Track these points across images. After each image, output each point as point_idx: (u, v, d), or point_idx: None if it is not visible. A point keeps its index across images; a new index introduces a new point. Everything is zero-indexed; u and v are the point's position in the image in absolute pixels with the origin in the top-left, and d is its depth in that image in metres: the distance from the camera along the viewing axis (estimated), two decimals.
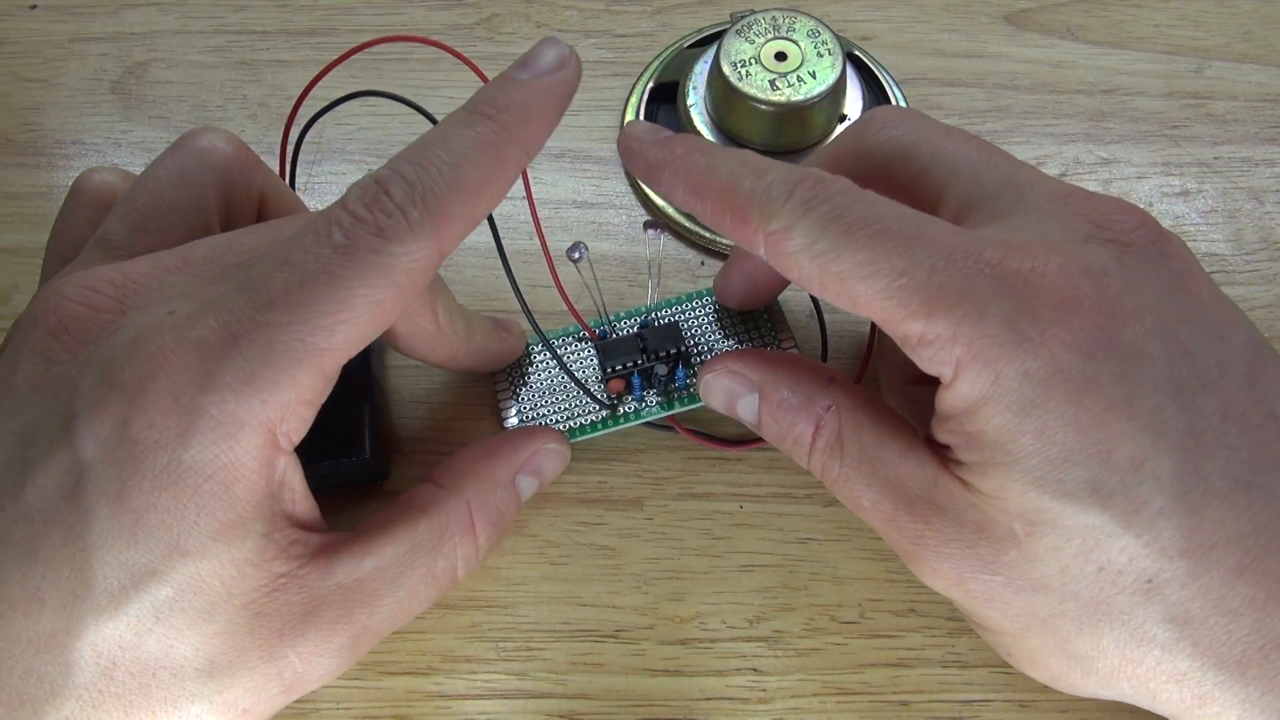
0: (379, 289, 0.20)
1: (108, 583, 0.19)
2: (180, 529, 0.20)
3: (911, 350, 0.21)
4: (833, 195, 0.21)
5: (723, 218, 0.22)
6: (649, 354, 0.28)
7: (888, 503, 0.23)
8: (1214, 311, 0.22)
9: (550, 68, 0.21)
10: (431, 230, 0.20)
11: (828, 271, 0.21)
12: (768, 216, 0.21)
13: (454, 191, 0.20)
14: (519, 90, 0.21)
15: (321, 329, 0.19)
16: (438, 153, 0.20)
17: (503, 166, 0.21)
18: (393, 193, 0.20)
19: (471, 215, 0.21)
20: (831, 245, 0.21)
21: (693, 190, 0.23)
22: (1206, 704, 0.20)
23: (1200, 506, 0.20)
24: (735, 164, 0.22)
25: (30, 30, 0.39)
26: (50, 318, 0.21)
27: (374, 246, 0.19)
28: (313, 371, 0.20)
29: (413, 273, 0.20)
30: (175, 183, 0.24)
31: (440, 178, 0.20)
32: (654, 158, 0.23)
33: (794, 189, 0.21)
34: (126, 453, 0.19)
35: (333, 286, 0.19)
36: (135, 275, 0.22)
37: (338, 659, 0.22)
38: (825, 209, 0.21)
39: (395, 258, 0.19)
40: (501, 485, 0.25)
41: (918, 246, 0.20)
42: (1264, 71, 0.37)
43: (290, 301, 0.19)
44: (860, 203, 0.21)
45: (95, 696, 0.20)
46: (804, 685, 0.27)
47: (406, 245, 0.19)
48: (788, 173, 0.22)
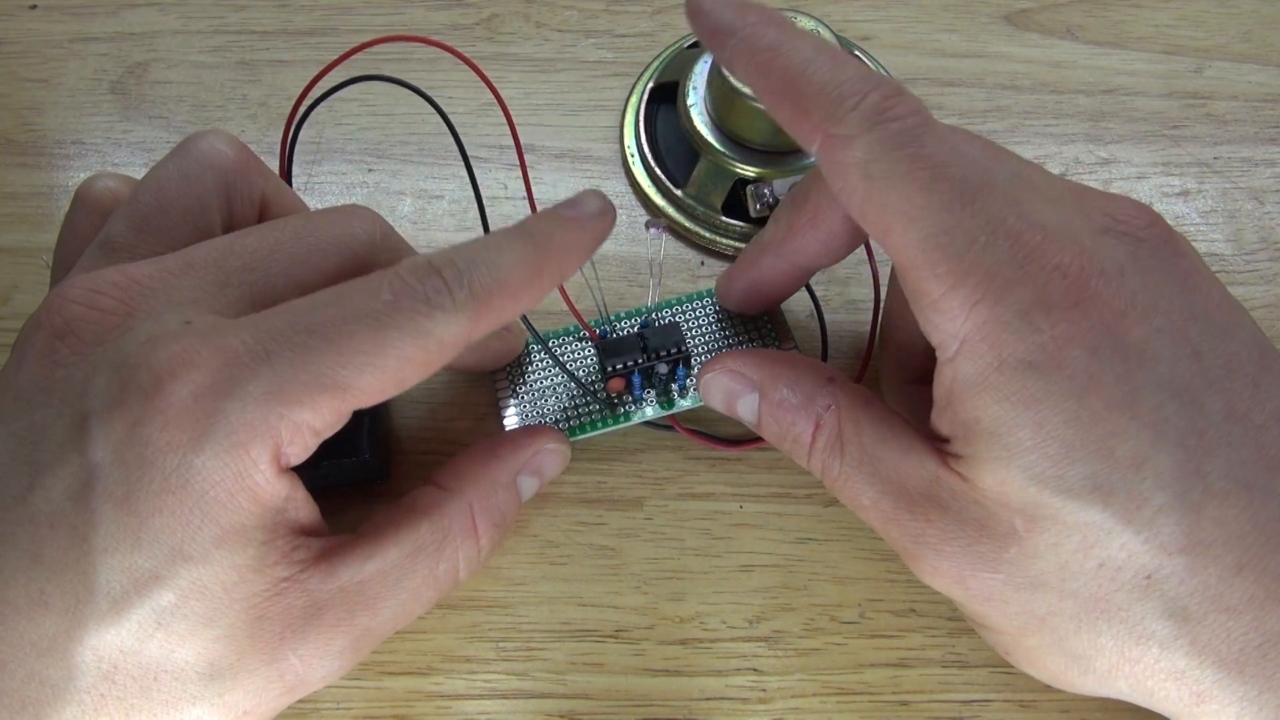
0: (412, 348, 0.20)
1: (110, 587, 0.19)
2: (184, 534, 0.20)
3: (919, 307, 0.21)
4: (907, 115, 0.20)
5: (783, 104, 0.21)
6: (650, 353, 0.28)
7: (888, 501, 0.23)
8: (1222, 312, 0.22)
9: (592, 214, 0.23)
10: (471, 313, 0.21)
11: (874, 198, 0.20)
12: (834, 117, 0.20)
13: (497, 287, 0.21)
14: (562, 226, 0.23)
15: (353, 366, 0.20)
16: (487, 255, 0.22)
17: (540, 281, 0.22)
18: (445, 274, 0.21)
19: (506, 311, 0.22)
20: (888, 171, 0.20)
21: (758, 66, 0.22)
22: (1204, 701, 0.20)
23: (1200, 504, 0.20)
24: (811, 48, 0.21)
25: (30, 30, 0.39)
26: (55, 319, 0.21)
27: (419, 310, 0.20)
28: (332, 403, 0.20)
29: (444, 344, 0.21)
30: (177, 185, 0.24)
31: (487, 274, 0.21)
32: (723, 20, 0.22)
33: (867, 95, 0.20)
34: (136, 455, 0.19)
35: (374, 332, 0.20)
36: (139, 277, 0.22)
37: (339, 661, 0.22)
38: (896, 128, 0.20)
39: (435, 324, 0.21)
40: (503, 486, 0.26)
41: (972, 209, 0.20)
42: (1264, 71, 0.37)
43: (330, 334, 0.20)
44: (931, 133, 0.20)
45: (97, 700, 0.20)
46: (804, 685, 0.27)
47: (448, 317, 0.21)
48: (865, 75, 0.21)
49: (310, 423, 0.20)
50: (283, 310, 0.21)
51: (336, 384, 0.20)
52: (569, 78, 0.37)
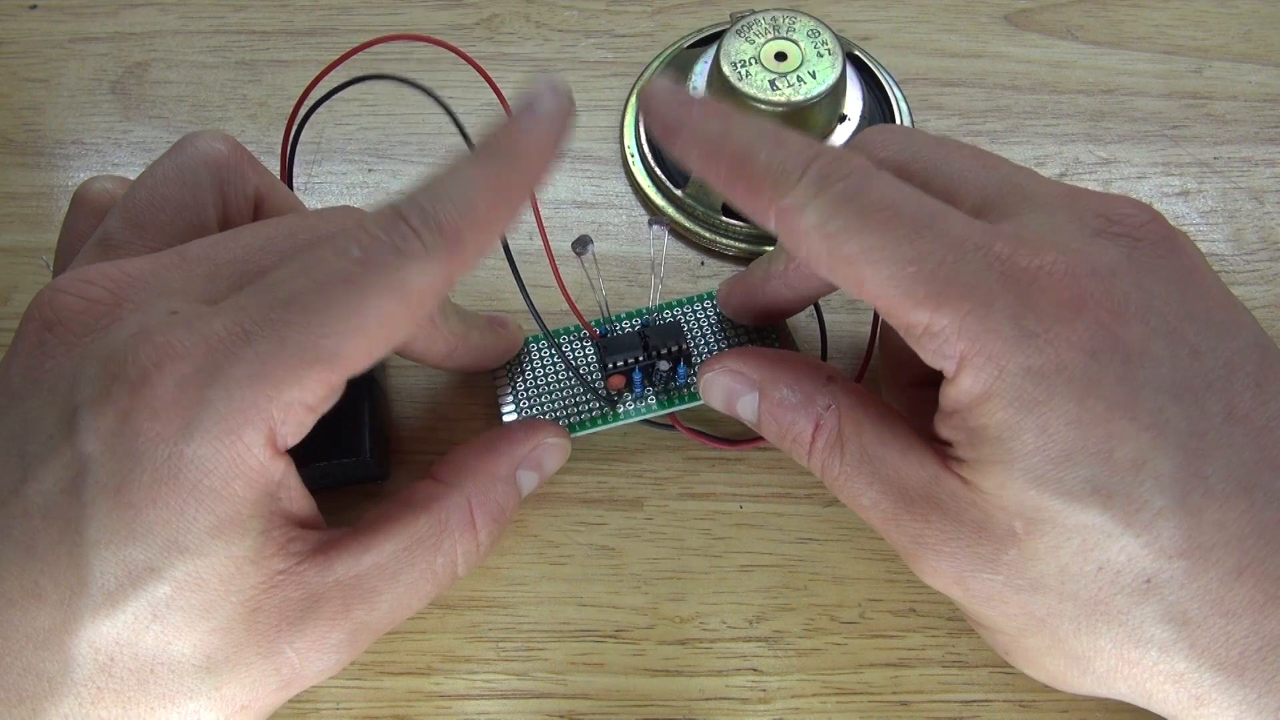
0: (392, 304, 0.20)
1: (105, 580, 0.19)
2: (179, 525, 0.20)
3: (914, 341, 0.21)
4: (848, 174, 0.21)
5: (736, 187, 0.22)
6: (650, 351, 0.28)
7: (888, 501, 0.23)
8: (1222, 310, 0.22)
9: (550, 111, 0.22)
10: (444, 254, 0.20)
11: (837, 253, 0.21)
12: (781, 190, 0.21)
13: (466, 220, 0.21)
14: (521, 133, 0.22)
15: (334, 334, 0.20)
16: (450, 186, 0.21)
17: (509, 199, 0.22)
18: (409, 218, 0.20)
19: (481, 242, 0.21)
20: (843, 227, 0.21)
21: (707, 156, 0.22)
22: (1203, 705, 0.20)
23: (1200, 507, 0.20)
24: (752, 133, 0.22)
25: (30, 30, 0.39)
26: (45, 311, 0.21)
27: (391, 263, 0.20)
28: (320, 376, 0.20)
29: (424, 292, 0.20)
30: (172, 182, 0.24)
31: (453, 207, 0.21)
32: (671, 118, 0.23)
33: (810, 164, 0.21)
34: (127, 446, 0.19)
35: (349, 294, 0.20)
36: (131, 270, 0.22)
37: (336, 655, 0.22)
38: (840, 188, 0.21)
39: (410, 275, 0.20)
40: (501, 480, 0.25)
41: (929, 235, 0.20)
42: (1264, 71, 0.37)
43: (307, 304, 0.20)
44: (875, 184, 0.21)
45: (94, 693, 0.20)
46: (804, 685, 0.27)
47: (421, 265, 0.20)
48: (805, 147, 0.22)
49: (301, 399, 0.20)
50: (258, 288, 0.21)
51: (321, 356, 0.20)
52: (569, 78, 0.37)
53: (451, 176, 0.21)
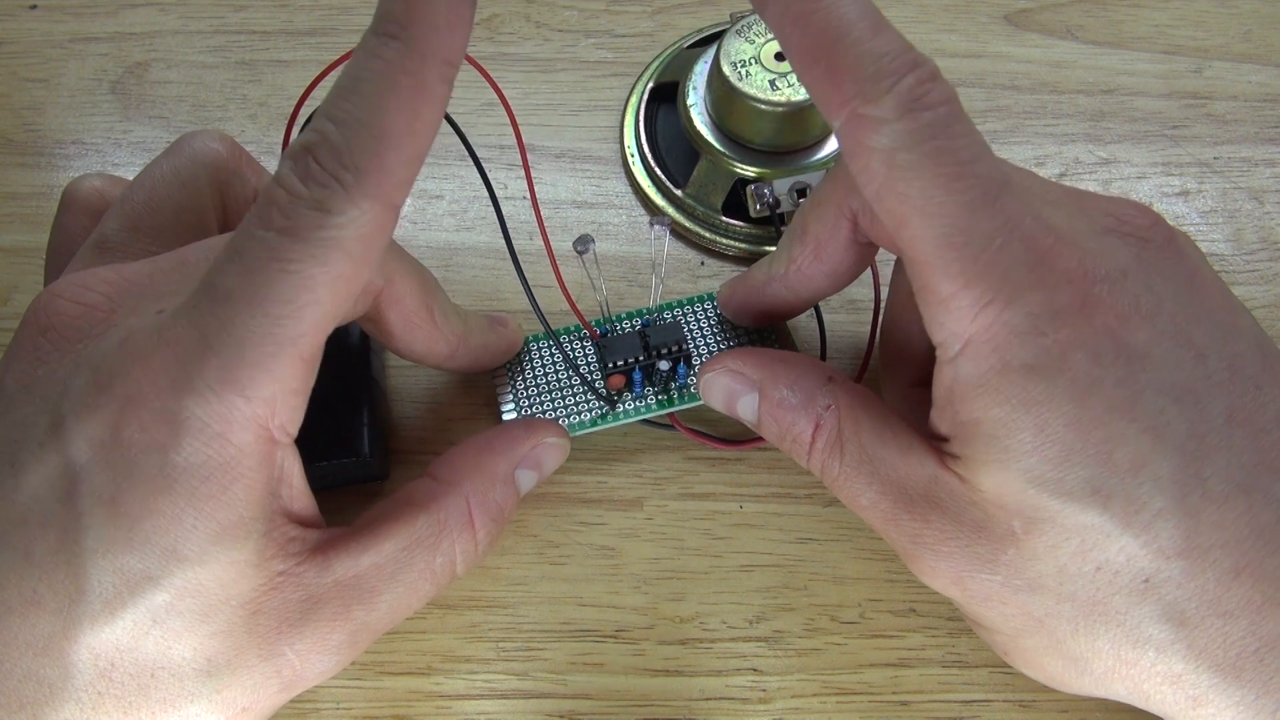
0: (333, 264, 0.19)
1: (103, 588, 0.19)
2: (177, 534, 0.19)
3: (926, 304, 0.21)
4: (940, 104, 0.19)
5: (814, 68, 0.19)
6: (651, 350, 0.28)
7: (887, 501, 0.23)
8: (1225, 312, 0.22)
9: None
10: (371, 189, 0.18)
11: (894, 186, 0.19)
12: (866, 95, 0.19)
13: (381, 140, 0.18)
14: None
15: (285, 317, 0.19)
16: (353, 100, 0.18)
17: (424, 91, 0.18)
18: (321, 159, 0.18)
19: (409, 158, 0.19)
20: (914, 162, 0.19)
21: (795, 18, 0.19)
22: (1201, 705, 0.20)
23: (1199, 509, 0.20)
24: (854, 7, 0.19)
25: (30, 30, 0.39)
26: (40, 316, 0.21)
27: (317, 222, 0.18)
28: (290, 360, 0.19)
29: (365, 238, 0.19)
30: (171, 183, 0.24)
31: (363, 129, 0.18)
32: None
33: (905, 74, 0.19)
34: (119, 456, 0.19)
35: (285, 273, 0.18)
36: (130, 275, 0.22)
37: (336, 656, 0.22)
38: (927, 118, 0.19)
39: (342, 229, 0.18)
40: (500, 480, 0.25)
41: (992, 211, 0.19)
42: (1264, 71, 0.37)
43: (247, 295, 0.19)
44: (960, 125, 0.19)
45: (94, 698, 0.20)
46: (804, 685, 0.27)
47: (349, 213, 0.18)
48: (904, 49, 0.19)
49: (281, 388, 0.20)
50: (202, 287, 0.20)
51: (280, 343, 0.19)
52: (569, 78, 0.37)
53: (350, 83, 0.18)
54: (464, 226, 0.34)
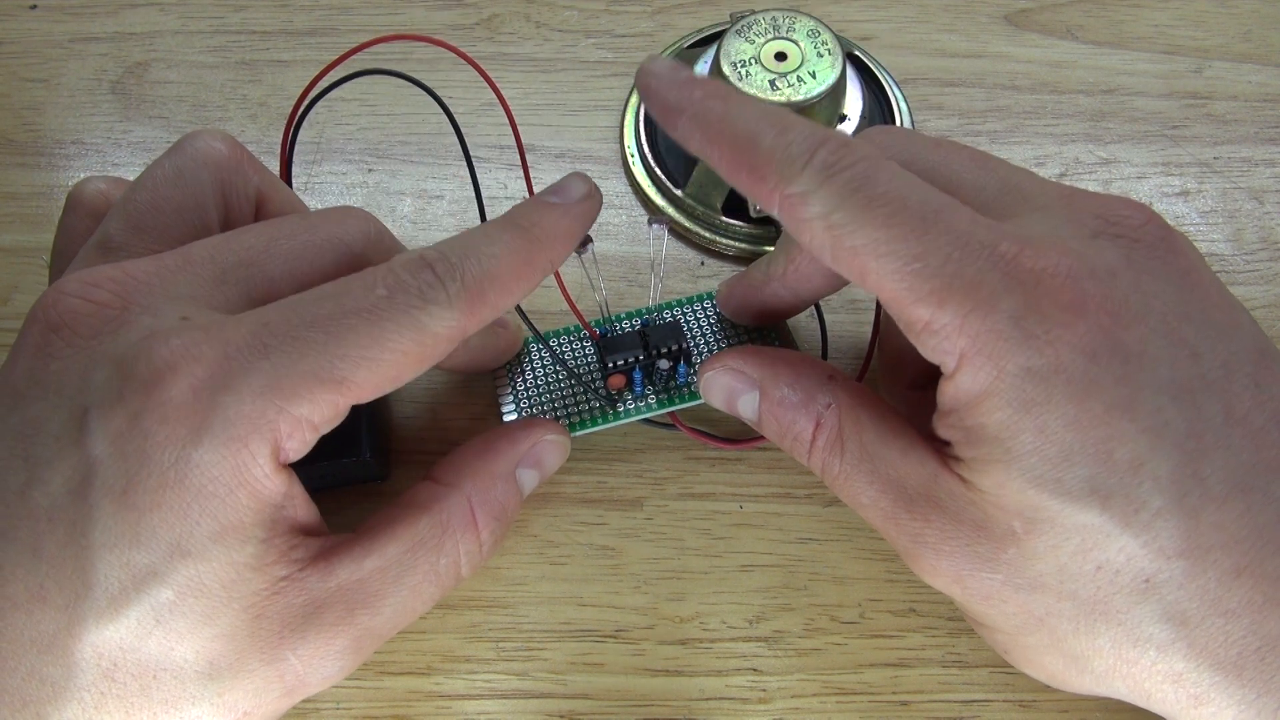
0: (408, 342, 0.21)
1: (108, 584, 0.19)
2: (182, 529, 0.20)
3: (915, 335, 0.21)
4: (855, 163, 0.21)
5: (739, 173, 0.22)
6: (651, 350, 0.28)
7: (887, 500, 0.23)
8: (1221, 311, 0.22)
9: (578, 198, 0.24)
10: (464, 306, 0.21)
11: (841, 244, 0.21)
12: (786, 178, 0.21)
13: (488, 279, 0.22)
14: (550, 212, 0.23)
15: (350, 360, 0.20)
16: (478, 247, 0.22)
17: (531, 270, 0.23)
18: (437, 268, 0.21)
19: (499, 303, 0.22)
20: (849, 218, 0.20)
21: (709, 138, 0.22)
22: (1202, 704, 0.20)
23: (1199, 508, 0.20)
24: (756, 115, 0.22)
25: (30, 30, 0.39)
26: (49, 313, 0.21)
27: (414, 305, 0.21)
28: (330, 397, 0.20)
29: (439, 338, 0.21)
30: (173, 183, 0.24)
31: (479, 266, 0.22)
32: (672, 99, 0.22)
33: (815, 151, 0.21)
34: (135, 447, 0.19)
35: (371, 326, 0.21)
36: (136, 273, 0.22)
37: (340, 662, 0.22)
38: (846, 177, 0.20)
39: (431, 319, 0.21)
40: (501, 479, 0.25)
41: (935, 231, 0.20)
42: (1264, 71, 0.37)
43: (328, 328, 0.20)
44: (882, 174, 0.21)
45: (97, 698, 0.20)
46: (804, 685, 0.27)
47: (442, 311, 0.21)
48: (810, 132, 0.21)
49: (309, 417, 0.20)
50: (281, 305, 0.21)
51: (334, 378, 0.20)
52: (569, 78, 0.37)
53: (483, 237, 0.22)
54: (464, 226, 0.34)
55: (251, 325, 0.20)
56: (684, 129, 0.22)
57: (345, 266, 0.23)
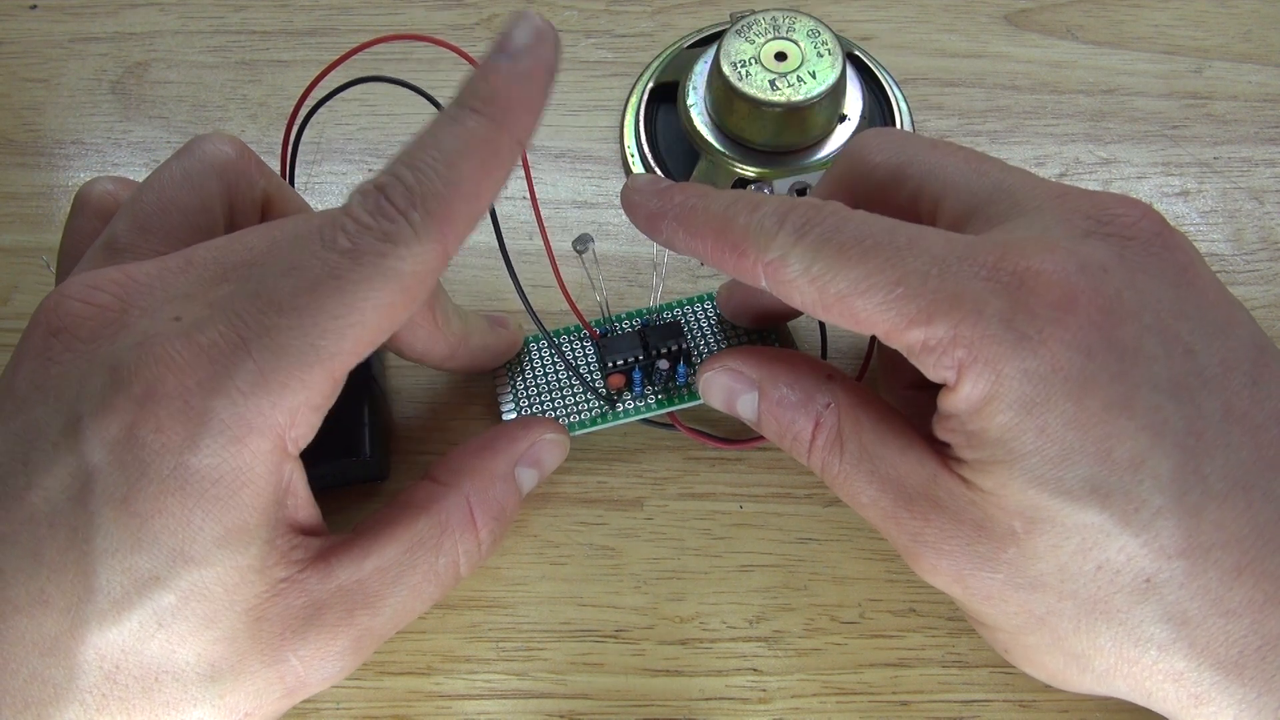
0: (386, 293, 0.20)
1: (110, 588, 0.19)
2: (185, 535, 0.20)
3: (917, 360, 0.21)
4: (823, 219, 0.22)
5: (723, 255, 0.23)
6: (651, 350, 0.28)
7: (887, 499, 0.23)
8: (1217, 308, 0.22)
9: (527, 47, 0.21)
10: (435, 232, 0.20)
11: (826, 293, 0.21)
12: (764, 247, 0.22)
13: (452, 191, 0.20)
14: (500, 78, 0.21)
15: (331, 332, 0.20)
16: (432, 154, 0.20)
17: (497, 159, 0.21)
18: (394, 198, 0.20)
19: (472, 212, 0.21)
20: (827, 267, 0.21)
21: (691, 232, 0.23)
22: (1203, 704, 0.20)
23: (1199, 507, 0.20)
24: (729, 201, 0.23)
25: (30, 30, 0.39)
26: (51, 317, 0.21)
27: (380, 251, 0.20)
28: (322, 375, 0.20)
29: (419, 275, 0.20)
30: (180, 185, 0.24)
31: (438, 179, 0.20)
32: (654, 207, 0.24)
33: (785, 218, 0.22)
34: (133, 457, 0.19)
35: (341, 291, 0.20)
36: (138, 275, 0.22)
37: (340, 662, 0.22)
38: (817, 232, 0.21)
39: (402, 261, 0.20)
40: (500, 478, 0.25)
41: (910, 256, 0.21)
42: (1264, 71, 0.37)
43: (299, 306, 0.20)
44: (850, 222, 0.21)
45: (99, 700, 0.20)
46: (804, 685, 0.27)
47: (412, 248, 0.20)
48: (779, 204, 0.22)
49: (306, 401, 0.20)
50: (247, 290, 0.20)
51: (319, 356, 0.20)
52: (569, 78, 0.37)
53: (433, 141, 0.20)
54: None
55: (225, 319, 0.20)
56: (669, 230, 0.24)
57: None
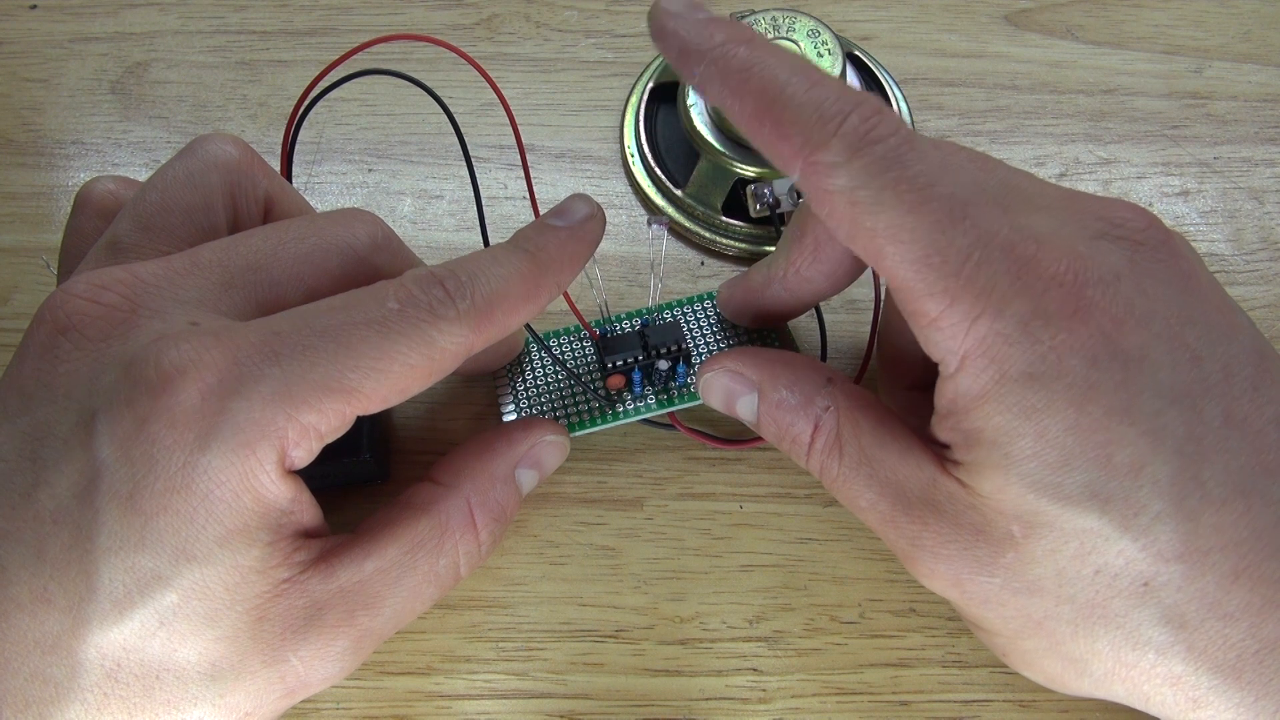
0: (417, 356, 0.21)
1: (113, 587, 0.19)
2: (188, 534, 0.20)
3: (918, 327, 0.21)
4: (888, 136, 0.20)
5: (761, 126, 0.20)
6: (650, 350, 0.28)
7: (886, 503, 0.23)
8: (1220, 314, 0.22)
9: (581, 220, 0.24)
10: (473, 323, 0.22)
11: (861, 222, 0.20)
12: (815, 142, 0.20)
13: (497, 299, 0.22)
14: (554, 235, 0.23)
15: (360, 371, 0.20)
16: (487, 268, 0.22)
17: (537, 292, 0.23)
18: (447, 285, 0.22)
19: (507, 323, 0.23)
20: (875, 197, 0.19)
21: (731, 88, 0.20)
22: (1200, 707, 0.20)
23: (1198, 511, 0.20)
24: (786, 66, 0.20)
25: (30, 30, 0.39)
26: (58, 315, 0.21)
27: (424, 319, 0.21)
28: (338, 407, 0.20)
29: (448, 352, 0.21)
30: (183, 185, 0.24)
31: (488, 286, 0.22)
32: (691, 40, 0.21)
33: (849, 114, 0.20)
34: (142, 452, 0.19)
35: (382, 338, 0.21)
36: (144, 275, 0.22)
37: (340, 662, 0.22)
38: (878, 152, 0.19)
39: (440, 334, 0.21)
40: (500, 480, 0.26)
41: (963, 226, 0.20)
42: (1264, 71, 0.37)
43: (340, 338, 0.20)
44: (914, 152, 0.20)
45: (100, 699, 0.20)
46: (804, 685, 0.27)
47: (452, 326, 0.21)
48: (844, 93, 0.20)
49: (316, 425, 0.20)
50: (291, 314, 0.21)
51: (343, 388, 0.20)
52: (569, 78, 0.37)
53: (490, 259, 0.23)
54: (464, 226, 0.34)
55: (262, 332, 0.20)
56: (704, 76, 0.21)
57: (351, 270, 0.23)
